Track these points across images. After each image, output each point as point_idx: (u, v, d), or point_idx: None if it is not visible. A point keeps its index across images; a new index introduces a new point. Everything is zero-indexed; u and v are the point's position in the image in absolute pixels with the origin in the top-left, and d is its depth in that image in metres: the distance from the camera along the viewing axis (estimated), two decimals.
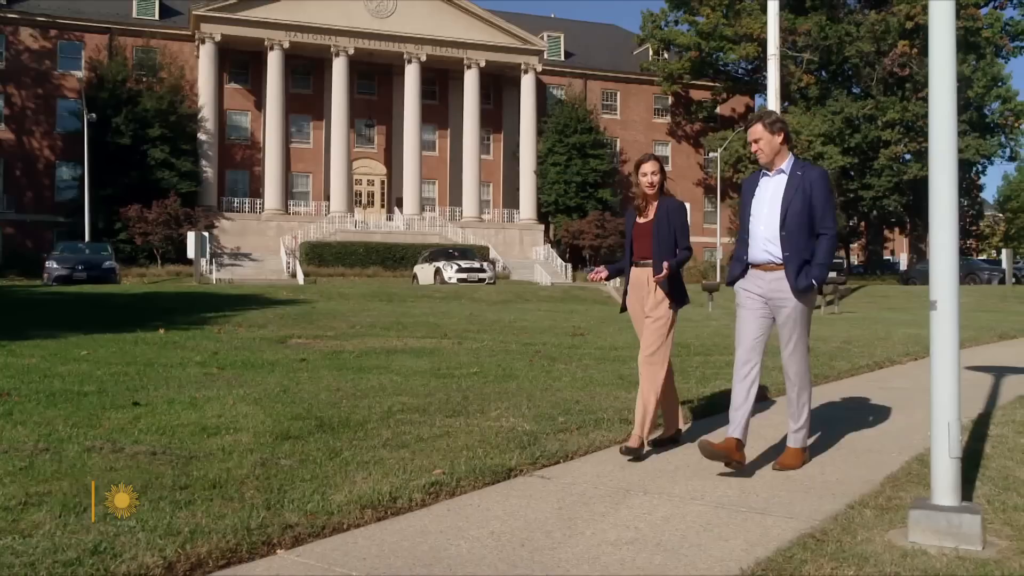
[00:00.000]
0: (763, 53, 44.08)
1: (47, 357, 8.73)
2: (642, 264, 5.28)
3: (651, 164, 5.28)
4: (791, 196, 4.66)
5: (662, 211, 5.24)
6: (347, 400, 6.40)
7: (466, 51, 50.69)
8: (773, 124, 4.76)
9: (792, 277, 4.65)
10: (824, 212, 4.66)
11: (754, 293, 4.81)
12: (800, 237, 4.63)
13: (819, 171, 4.75)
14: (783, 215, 4.66)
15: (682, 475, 4.67)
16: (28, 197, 46.32)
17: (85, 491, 3.87)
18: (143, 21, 48.71)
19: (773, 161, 4.77)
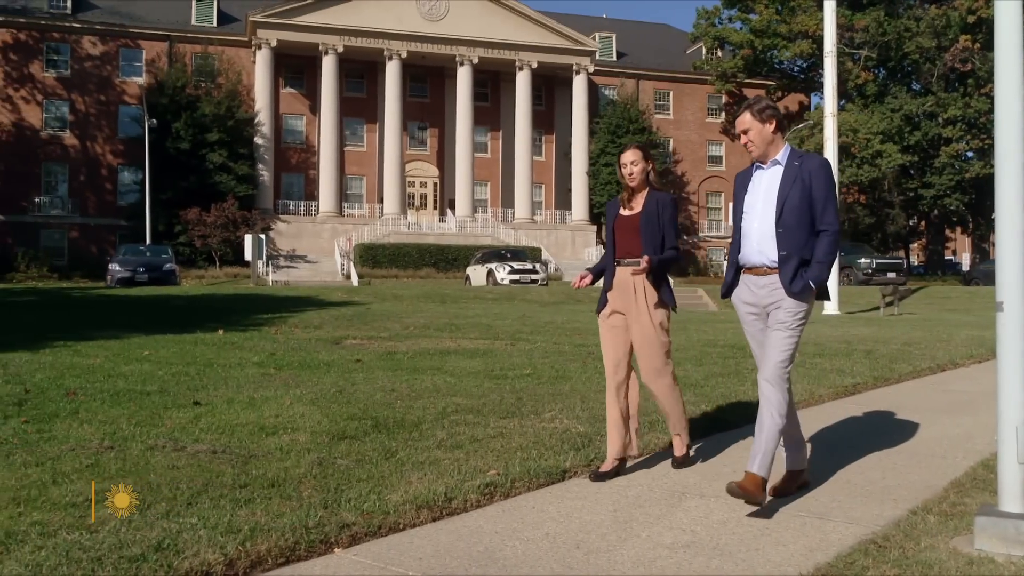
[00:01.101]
0: (819, 50, 43.38)
1: (111, 357, 8.95)
2: (627, 262, 4.75)
3: (630, 153, 4.80)
4: (787, 189, 4.20)
5: (651, 204, 4.74)
6: (402, 401, 6.45)
7: (518, 53, 50.75)
8: (763, 112, 4.30)
9: (787, 278, 4.16)
10: (825, 206, 4.19)
11: (749, 303, 4.32)
12: (799, 234, 4.16)
13: (819, 160, 4.28)
14: (779, 210, 4.20)
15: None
16: (92, 201, 47.53)
17: (149, 488, 3.96)
18: (201, 28, 49.65)
19: (767, 152, 4.32)
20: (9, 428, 5.26)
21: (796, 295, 4.14)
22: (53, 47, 47.58)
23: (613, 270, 4.83)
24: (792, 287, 4.14)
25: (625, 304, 4.75)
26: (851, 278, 31.70)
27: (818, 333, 13.38)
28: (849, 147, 46.62)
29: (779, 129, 4.32)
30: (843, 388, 7.62)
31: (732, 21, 54.91)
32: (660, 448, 5.23)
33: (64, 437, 5.04)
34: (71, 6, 48.00)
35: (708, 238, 56.41)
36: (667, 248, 4.72)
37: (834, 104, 21.93)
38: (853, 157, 48.10)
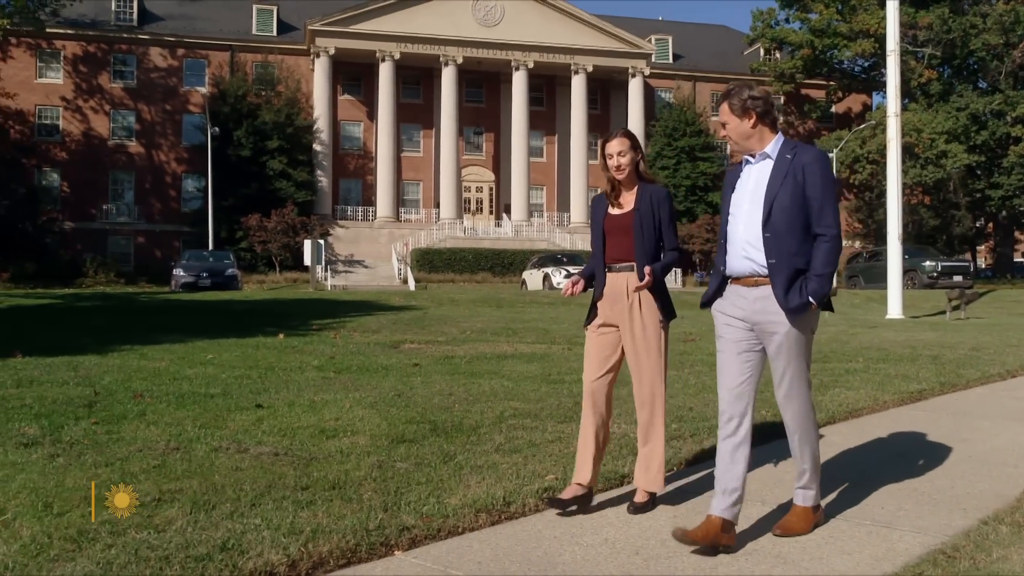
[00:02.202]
0: (881, 49, 42.57)
1: (176, 360, 9.15)
2: (619, 268, 4.19)
3: (617, 142, 4.21)
4: (776, 186, 3.66)
5: (645, 201, 4.17)
6: (460, 405, 6.48)
7: (573, 56, 50.71)
8: (742, 104, 3.73)
9: (781, 292, 3.60)
10: (823, 206, 3.62)
11: (734, 317, 3.76)
12: (790, 239, 3.61)
13: (814, 152, 3.72)
14: (767, 210, 3.65)
15: None
16: (157, 208, 48.68)
17: (214, 489, 4.04)
18: (262, 37, 50.56)
19: (750, 146, 3.78)
20: (80, 429, 5.42)
21: (793, 311, 3.61)
22: (120, 58, 48.91)
23: (603, 277, 4.26)
24: (788, 302, 3.60)
25: (617, 315, 4.18)
26: (915, 282, 30.96)
27: (882, 338, 13.11)
28: (913, 147, 45.59)
29: (763, 121, 3.75)
30: (908, 394, 7.44)
31: (789, 21, 54.13)
32: None
33: (132, 438, 5.17)
34: (137, 18, 49.29)
35: None
36: (667, 251, 4.24)
37: (897, 104, 21.48)
38: (917, 157, 47.03)
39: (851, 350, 11.04)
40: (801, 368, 3.73)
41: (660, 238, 4.19)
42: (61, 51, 47.83)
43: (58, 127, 47.91)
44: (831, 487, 4.45)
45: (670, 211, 4.21)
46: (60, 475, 4.28)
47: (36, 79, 47.43)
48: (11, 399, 6.49)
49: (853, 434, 5.85)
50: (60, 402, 6.38)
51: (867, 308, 25.26)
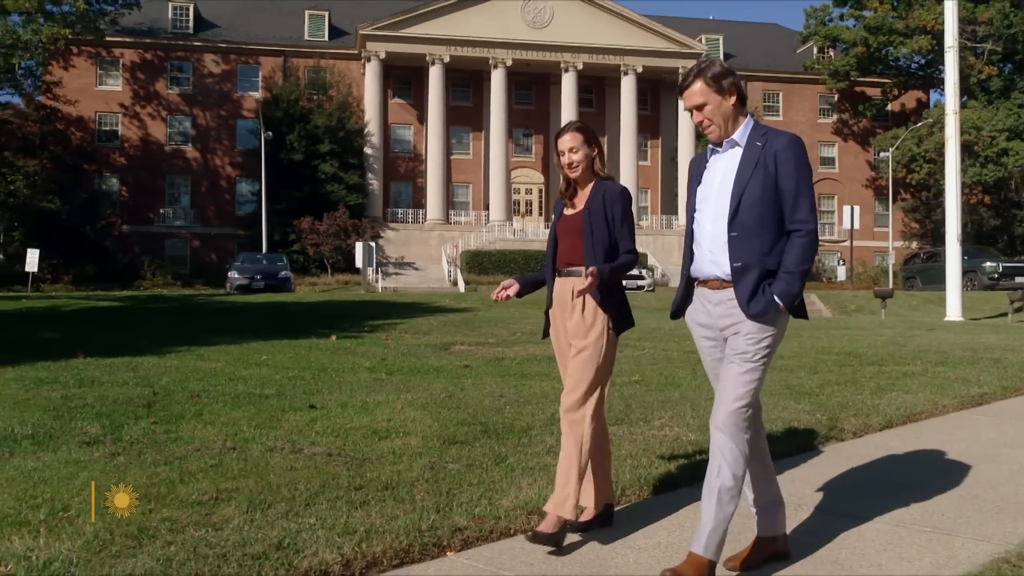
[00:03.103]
0: (939, 45, 41.64)
1: (231, 361, 9.31)
2: (567, 273, 3.85)
3: (569, 137, 3.87)
4: (745, 178, 3.26)
5: (597, 199, 3.81)
6: (511, 406, 6.48)
7: (622, 57, 50.50)
8: (721, 79, 3.31)
9: (744, 295, 3.23)
10: (797, 198, 3.23)
11: (704, 325, 3.42)
12: (761, 237, 3.23)
13: (786, 138, 3.30)
14: (734, 205, 3.26)
15: (859, 492, 4.45)
16: (211, 211, 49.57)
17: (269, 489, 4.10)
18: (314, 42, 51.20)
19: (731, 131, 3.36)
20: (140, 428, 5.53)
21: (756, 317, 3.22)
22: (176, 65, 49.91)
23: (553, 282, 3.92)
24: (751, 307, 3.21)
25: (564, 324, 3.87)
26: (975, 283, 30.24)
27: (941, 340, 12.83)
28: (972, 145, 44.56)
29: (740, 101, 3.35)
30: (969, 398, 7.27)
31: (843, 19, 53.24)
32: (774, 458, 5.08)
33: (190, 438, 5.27)
34: (193, 26, 50.25)
35: (820, 242, 54.61)
36: (621, 254, 3.81)
37: (956, 101, 20.99)
38: (977, 156, 45.95)
39: (908, 353, 10.82)
40: (757, 378, 3.26)
41: (614, 240, 3.79)
42: (120, 59, 48.97)
43: (117, 133, 49.06)
44: (890, 492, 4.36)
45: (624, 210, 3.81)
46: (121, 473, 4.38)
47: (96, 86, 48.61)
48: (74, 399, 6.65)
49: (911, 438, 5.73)
50: (120, 402, 6.53)
51: (925, 310, 24.74)
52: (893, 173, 48.60)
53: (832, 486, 4.54)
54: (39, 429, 5.46)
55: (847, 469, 4.92)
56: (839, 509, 4.09)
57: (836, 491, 4.43)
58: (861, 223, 40.84)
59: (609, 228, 3.78)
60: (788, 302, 3.23)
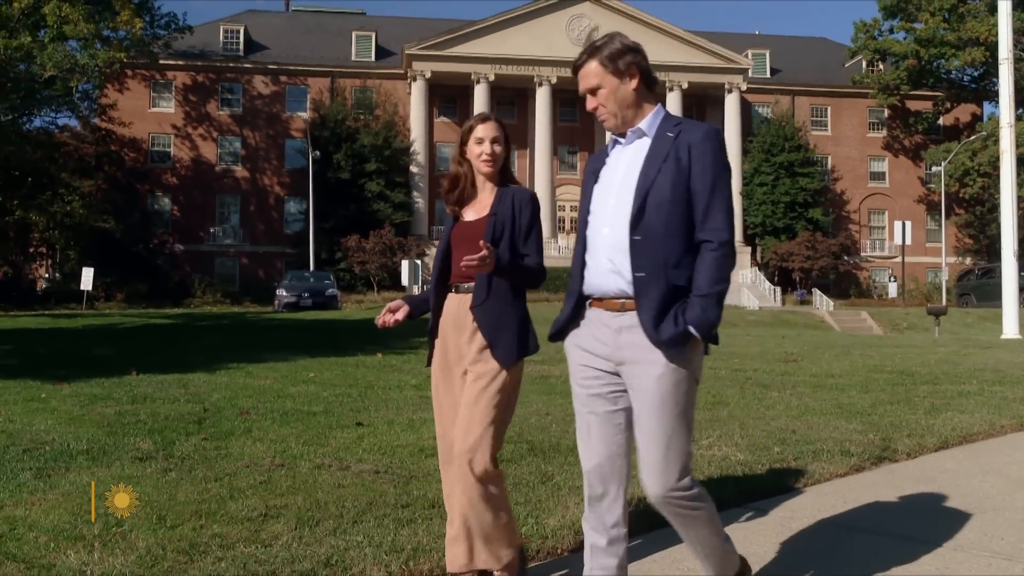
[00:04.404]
0: (992, 58, 40.92)
1: (280, 379, 9.41)
2: (465, 289, 3.25)
3: (492, 126, 3.27)
4: (654, 171, 2.71)
5: (504, 204, 3.23)
6: (556, 425, 6.46)
7: (668, 73, 50.36)
8: (618, 59, 2.78)
9: (650, 316, 2.65)
10: (711, 203, 2.68)
11: (594, 355, 2.80)
12: (669, 245, 2.68)
13: (705, 129, 2.76)
14: (638, 205, 2.70)
15: (914, 514, 4.35)
16: (260, 230, 50.34)
17: (318, 506, 4.12)
18: (361, 63, 51.88)
19: (628, 120, 2.84)
20: (191, 444, 5.61)
21: (666, 346, 2.64)
22: (227, 87, 50.91)
23: (442, 300, 3.32)
24: (659, 332, 2.64)
25: (458, 349, 3.25)
26: None
27: (997, 359, 12.52)
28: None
29: (645, 83, 2.82)
30: None
31: (893, 32, 52.54)
32: (825, 479, 5.00)
33: (239, 454, 5.33)
34: (243, 48, 51.26)
35: (870, 258, 53.93)
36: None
37: (1011, 113, 20.58)
38: None
39: (964, 372, 10.57)
40: (681, 434, 2.69)
41: (520, 253, 3.22)
42: (172, 81, 50.08)
43: (169, 154, 50.12)
44: (946, 515, 4.26)
45: (533, 217, 3.25)
46: (172, 489, 4.44)
47: (150, 108, 49.75)
48: (127, 415, 6.78)
49: (968, 460, 5.59)
50: (172, 418, 6.63)
51: (980, 327, 24.21)
52: (946, 187, 47.73)
53: (886, 508, 4.44)
54: (93, 445, 5.57)
55: (901, 491, 4.80)
56: (893, 531, 4.00)
57: (890, 513, 4.33)
58: (913, 239, 40.12)
59: (516, 238, 3.22)
60: (704, 331, 2.65)
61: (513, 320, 3.21)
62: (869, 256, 54.03)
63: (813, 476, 4.98)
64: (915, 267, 50.64)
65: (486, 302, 3.17)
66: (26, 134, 37.92)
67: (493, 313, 3.17)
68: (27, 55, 30.41)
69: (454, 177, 3.33)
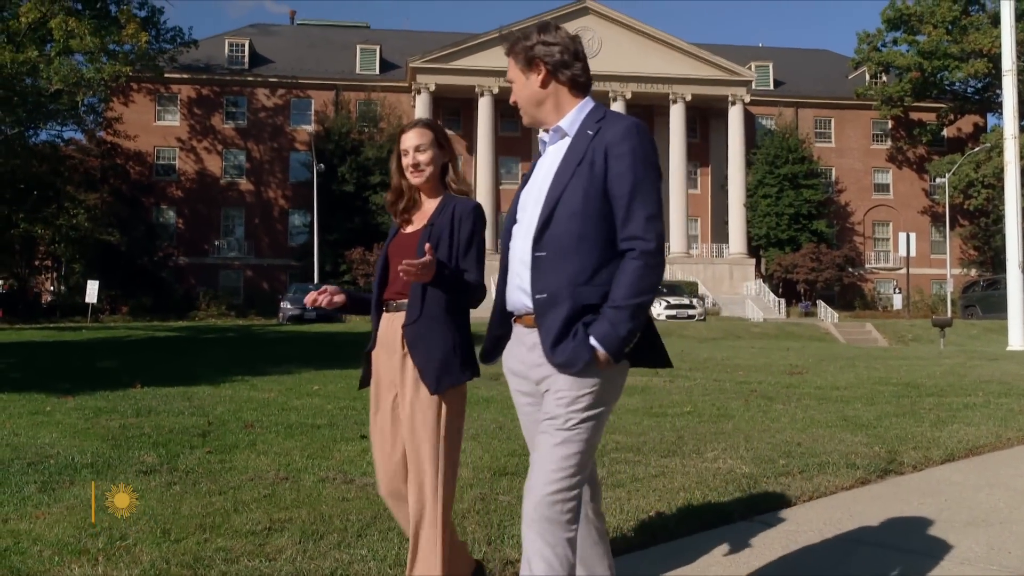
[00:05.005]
0: (996, 69, 41.00)
1: (284, 392, 9.41)
2: (397, 307, 3.03)
3: (415, 134, 3.07)
4: (566, 177, 2.47)
5: (443, 215, 3.02)
6: None
7: (671, 86, 50.48)
8: (528, 51, 2.57)
9: (548, 338, 2.43)
10: (631, 206, 2.43)
11: (517, 375, 2.65)
12: (576, 260, 2.44)
13: (625, 125, 2.50)
14: (544, 216, 2.48)
15: (920, 527, 4.33)
16: (265, 242, 50.44)
17: (322, 519, 4.12)
18: (365, 76, 52.09)
19: (546, 116, 2.62)
20: (195, 458, 5.61)
21: (563, 367, 2.41)
22: (232, 100, 51.14)
23: (378, 318, 3.10)
24: (555, 353, 2.41)
25: (389, 373, 3.04)
26: None
27: (1003, 371, 12.48)
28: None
29: (557, 79, 2.58)
30: None
31: (896, 44, 52.64)
32: (831, 492, 4.98)
33: (243, 467, 5.32)
34: (248, 62, 51.49)
35: (875, 270, 53.89)
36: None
37: (1015, 125, 20.58)
38: None
39: (970, 384, 10.54)
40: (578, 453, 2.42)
41: (458, 269, 2.99)
42: (177, 94, 50.31)
43: (174, 167, 50.30)
44: (952, 528, 4.24)
45: (473, 231, 3.02)
46: (177, 502, 4.44)
47: (155, 122, 49.97)
48: (131, 428, 6.78)
49: (974, 473, 5.57)
50: (176, 431, 6.63)
51: (986, 339, 24.15)
52: (950, 199, 47.70)
53: (892, 521, 4.42)
54: (98, 458, 5.57)
55: (907, 504, 4.79)
56: (899, 545, 3.98)
57: (896, 526, 4.31)
58: (917, 250, 40.11)
59: (453, 252, 2.99)
60: (613, 349, 2.39)
61: (449, 341, 2.92)
62: (874, 268, 53.98)
63: (819, 489, 4.96)
64: (920, 279, 50.56)
65: (419, 321, 2.93)
66: (32, 148, 38.12)
67: (426, 334, 2.93)
68: (33, 69, 30.59)
69: (395, 189, 3.14)
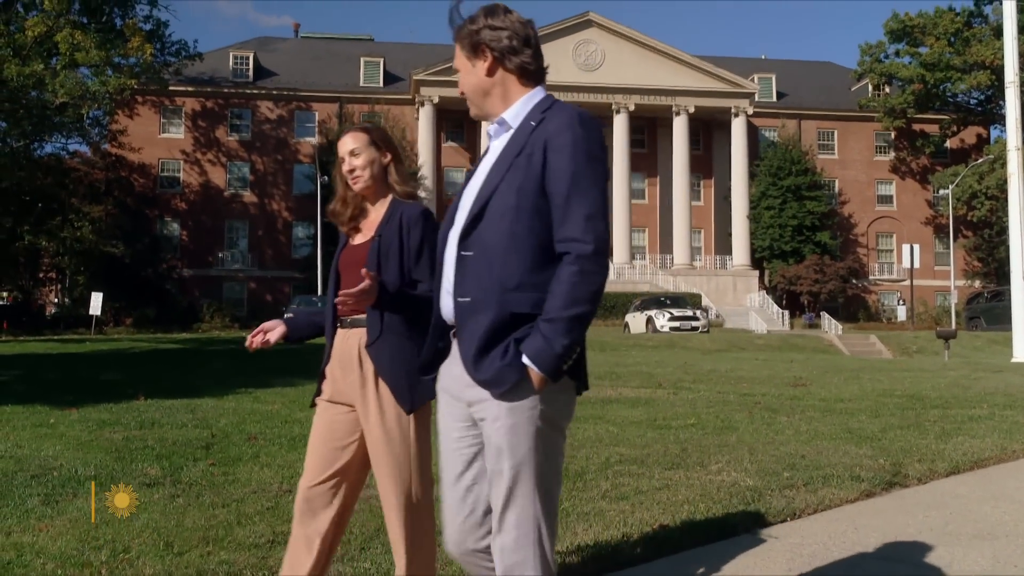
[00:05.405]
0: (998, 81, 41.03)
1: (287, 404, 9.40)
2: (352, 323, 2.91)
3: (350, 138, 2.95)
4: (500, 172, 2.26)
5: (391, 223, 2.89)
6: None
7: (674, 98, 50.58)
8: (473, 37, 2.34)
9: (470, 351, 2.21)
10: (569, 205, 2.19)
11: (450, 396, 2.38)
12: (506, 262, 2.21)
13: (567, 116, 2.25)
14: (474, 212, 2.26)
15: (925, 539, 4.31)
16: (268, 255, 50.53)
17: None
18: (369, 88, 52.27)
19: (493, 107, 2.39)
20: (198, 470, 5.61)
21: (490, 385, 2.18)
22: (236, 113, 51.34)
23: (333, 334, 2.99)
24: (479, 369, 2.19)
25: (350, 389, 2.87)
26: None
27: (1008, 383, 12.45)
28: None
29: (503, 66, 2.34)
30: None
31: (899, 56, 52.72)
32: (836, 504, 4.97)
33: (247, 480, 5.32)
34: (252, 74, 51.70)
35: (879, 281, 53.84)
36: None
37: (1018, 137, 20.57)
38: None
39: (974, 396, 10.52)
40: (530, 497, 2.21)
41: (410, 279, 2.87)
42: (182, 107, 50.51)
43: (179, 179, 50.45)
44: (958, 541, 4.22)
45: (423, 237, 2.88)
46: (180, 515, 4.44)
47: (159, 134, 50.16)
48: (135, 440, 6.78)
49: (979, 485, 5.55)
50: (179, 444, 6.63)
51: (990, 351, 24.09)
52: (953, 210, 47.67)
53: (897, 534, 4.40)
54: (101, 470, 5.56)
55: (912, 517, 4.77)
56: (904, 558, 3.97)
57: (901, 539, 4.29)
58: (921, 262, 40.05)
59: (404, 263, 2.86)
60: (548, 367, 2.14)
61: (415, 356, 2.68)
62: (877, 279, 53.93)
63: (823, 502, 4.95)
64: (924, 290, 50.50)
65: (381, 339, 2.79)
66: (37, 160, 38.26)
67: (390, 352, 2.79)
68: (39, 82, 30.71)
69: (340, 198, 3.01)
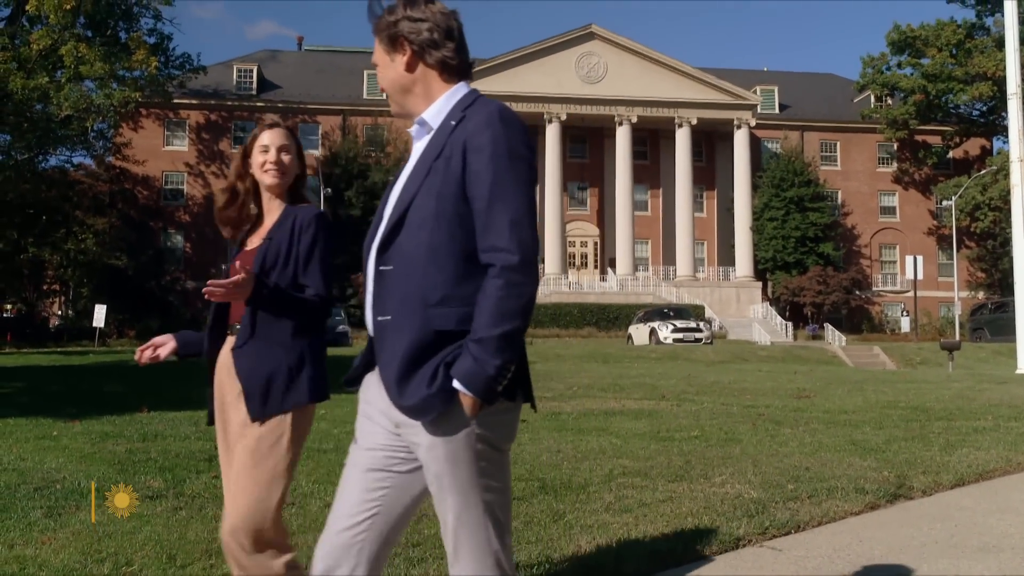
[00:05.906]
0: (1000, 92, 41.09)
1: None
2: (232, 331, 2.78)
3: (278, 133, 2.86)
4: (419, 178, 2.11)
5: (283, 227, 2.77)
6: (568, 462, 6.42)
7: (677, 110, 50.70)
8: (391, 28, 2.19)
9: (392, 375, 2.05)
10: (491, 210, 2.02)
11: (375, 407, 2.21)
12: (428, 275, 2.05)
13: (487, 113, 2.12)
14: (393, 221, 2.13)
15: (930, 552, 4.29)
16: None
17: None
18: (372, 101, 52.43)
19: (415, 105, 2.25)
20: (201, 483, 5.60)
21: (413, 412, 2.02)
22: (240, 125, 51.51)
23: (218, 344, 2.81)
24: (404, 395, 2.02)
25: (234, 403, 2.73)
26: None
27: (1012, 394, 12.41)
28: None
29: (424, 60, 2.21)
30: None
31: (901, 67, 52.81)
32: (840, 517, 4.95)
33: None
34: (256, 87, 51.91)
35: (882, 292, 53.79)
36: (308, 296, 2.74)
37: (1021, 148, 20.57)
38: None
39: (978, 407, 10.48)
40: (480, 525, 2.06)
41: (298, 283, 2.74)
42: (186, 120, 50.73)
43: (182, 191, 50.60)
44: (963, 553, 4.20)
45: (315, 241, 2.77)
46: (183, 528, 4.43)
47: (163, 147, 50.36)
48: (138, 452, 6.77)
49: (985, 498, 5.53)
50: (182, 456, 6.63)
51: (995, 362, 24.04)
52: (957, 222, 47.65)
53: (902, 546, 4.38)
54: (104, 483, 5.55)
55: (917, 529, 4.75)
56: (909, 571, 3.95)
57: (906, 551, 4.27)
58: (924, 273, 40.00)
59: (294, 267, 2.73)
60: (481, 390, 1.97)
61: (283, 364, 2.62)
62: (881, 290, 53.89)
63: (828, 514, 4.93)
64: (927, 301, 50.43)
65: (248, 344, 2.67)
66: (41, 173, 38.43)
67: (253, 356, 2.66)
68: (44, 95, 30.88)
69: (229, 188, 2.84)
